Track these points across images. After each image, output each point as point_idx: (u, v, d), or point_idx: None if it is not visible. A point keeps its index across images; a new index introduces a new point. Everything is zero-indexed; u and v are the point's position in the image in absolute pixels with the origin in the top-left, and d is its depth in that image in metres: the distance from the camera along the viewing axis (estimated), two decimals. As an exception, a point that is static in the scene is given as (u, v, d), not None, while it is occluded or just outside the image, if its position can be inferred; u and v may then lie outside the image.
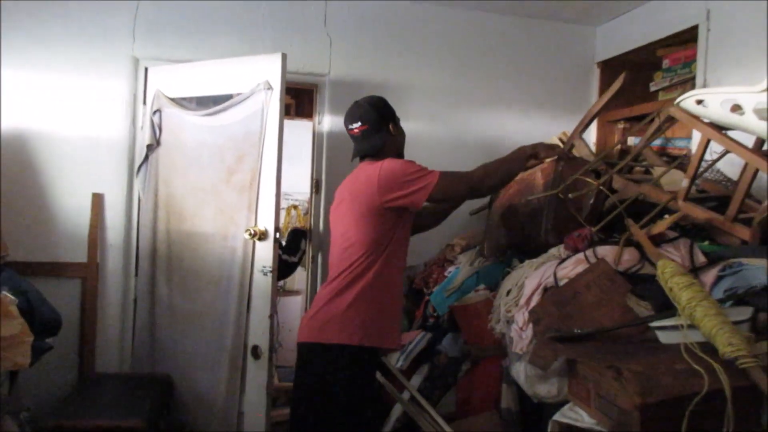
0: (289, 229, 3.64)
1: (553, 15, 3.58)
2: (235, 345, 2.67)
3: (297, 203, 4.98)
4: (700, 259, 1.94)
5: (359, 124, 2.21)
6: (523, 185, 2.52)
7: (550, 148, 2.25)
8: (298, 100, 4.98)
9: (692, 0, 2.88)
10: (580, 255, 2.03)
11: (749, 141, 2.06)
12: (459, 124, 3.52)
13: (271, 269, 2.59)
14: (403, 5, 3.41)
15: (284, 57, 2.64)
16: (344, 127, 2.29)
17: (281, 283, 4.33)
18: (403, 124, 3.34)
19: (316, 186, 3.30)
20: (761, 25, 2.52)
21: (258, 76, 2.67)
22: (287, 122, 4.95)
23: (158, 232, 2.91)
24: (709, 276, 1.86)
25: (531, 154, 2.22)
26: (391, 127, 2.23)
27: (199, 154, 2.82)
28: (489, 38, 3.57)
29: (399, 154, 2.29)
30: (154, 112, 2.93)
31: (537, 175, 2.46)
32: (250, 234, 2.60)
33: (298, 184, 4.25)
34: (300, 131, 4.23)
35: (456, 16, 3.50)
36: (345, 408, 2.03)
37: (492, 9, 3.51)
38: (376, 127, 2.20)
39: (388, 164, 2.10)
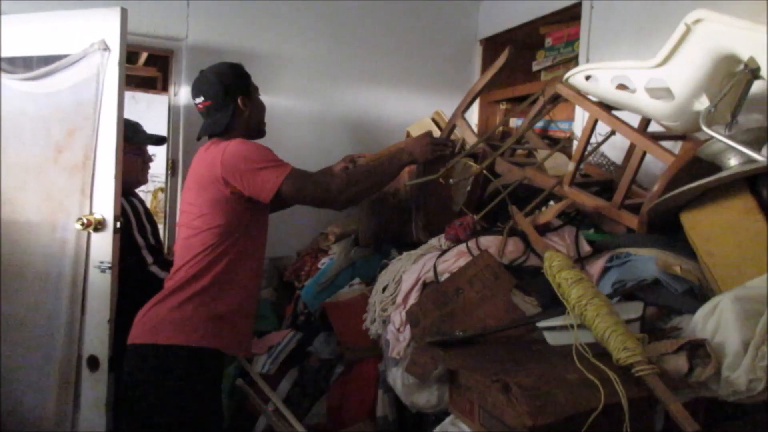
0: None
1: (435, -13, 3.38)
2: (66, 355, 2.24)
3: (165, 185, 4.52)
4: (586, 248, 1.82)
5: (202, 99, 1.93)
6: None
7: (429, 148, 2.02)
8: (165, 72, 4.47)
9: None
10: (463, 246, 1.84)
11: (634, 121, 1.96)
12: (333, 100, 3.25)
13: (110, 265, 2.18)
14: (272, -34, 3.07)
15: (124, 12, 2.21)
16: None
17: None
18: (271, 98, 3.01)
19: (172, 167, 2.91)
20: (644, 2, 2.45)
21: (92, 34, 2.23)
22: (154, 97, 4.52)
23: (-31, 222, 2.39)
24: (596, 267, 1.74)
25: (407, 163, 2.00)
26: (240, 101, 1.92)
27: (19, 126, 2.33)
28: (368, 9, 3.31)
29: (255, 131, 2.01)
30: (-38, 75, 2.39)
31: None
32: (82, 224, 2.17)
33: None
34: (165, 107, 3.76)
35: (333, -18, 3.20)
36: (180, 417, 1.76)
37: (371, -24, 3.25)
38: (221, 102, 1.90)
39: (233, 147, 1.80)
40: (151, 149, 2.58)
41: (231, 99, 1.90)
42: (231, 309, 1.83)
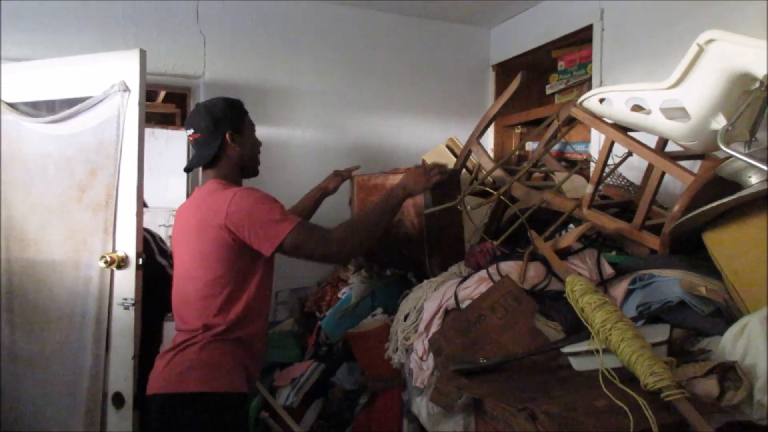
0: None
1: (445, 15, 3.42)
2: (92, 393, 2.26)
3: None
4: (608, 270, 1.80)
5: (192, 131, 1.88)
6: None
7: (423, 177, 1.95)
8: (183, 108, 4.56)
9: (585, 0, 2.81)
10: (483, 273, 1.83)
11: (651, 142, 1.95)
12: (350, 130, 3.29)
13: (133, 302, 2.21)
14: (285, 2, 3.13)
15: (143, 54, 2.28)
16: None
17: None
18: (288, 131, 3.05)
19: (192, 201, 2.94)
20: (654, 23, 2.46)
21: (113, 76, 2.29)
22: (172, 133, 4.61)
23: (-4, 263, 2.45)
24: (619, 290, 1.72)
25: (404, 197, 1.91)
26: (228, 136, 1.86)
27: (43, 167, 2.39)
28: (381, 39, 3.37)
29: (246, 169, 1.94)
30: (-11, 120, 2.46)
31: None
32: (105, 261, 2.20)
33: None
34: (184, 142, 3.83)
35: (344, 14, 3.27)
36: None
37: (383, 8, 3.31)
38: (208, 136, 1.85)
39: (240, 198, 1.73)
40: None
41: (219, 133, 1.85)
42: (251, 351, 1.81)
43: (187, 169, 1.96)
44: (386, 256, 2.37)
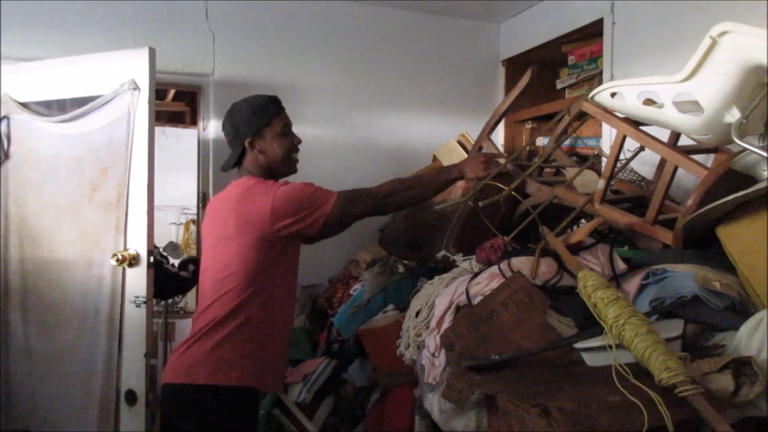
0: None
1: (455, 11, 3.41)
2: (105, 390, 2.28)
3: (196, 218, 4.59)
4: (621, 266, 1.78)
5: (224, 134, 1.95)
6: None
7: (482, 166, 1.97)
8: (193, 106, 4.58)
9: (596, -7, 2.79)
10: (494, 269, 1.82)
11: (663, 136, 1.93)
12: (359, 127, 3.28)
13: (145, 300, 2.22)
14: (293, 0, 3.13)
15: (152, 52, 2.28)
16: None
17: (182, 303, 3.92)
18: (297, 128, 3.06)
19: (203, 199, 2.96)
20: (665, 16, 2.44)
21: (122, 74, 2.30)
22: (183, 131, 4.63)
23: (10, 261, 2.47)
24: (632, 285, 1.71)
25: (456, 178, 1.98)
26: (247, 144, 1.87)
27: (54, 167, 2.41)
28: (389, 36, 3.36)
29: (280, 168, 1.94)
30: (1, 120, 2.48)
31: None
32: (117, 260, 2.22)
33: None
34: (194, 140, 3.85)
35: (353, 11, 3.27)
36: None
37: (392, 5, 3.31)
38: (232, 141, 1.92)
39: (283, 190, 1.79)
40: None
41: (240, 140, 1.88)
42: (267, 347, 1.81)
43: (223, 169, 1.98)
44: (411, 230, 2.38)
